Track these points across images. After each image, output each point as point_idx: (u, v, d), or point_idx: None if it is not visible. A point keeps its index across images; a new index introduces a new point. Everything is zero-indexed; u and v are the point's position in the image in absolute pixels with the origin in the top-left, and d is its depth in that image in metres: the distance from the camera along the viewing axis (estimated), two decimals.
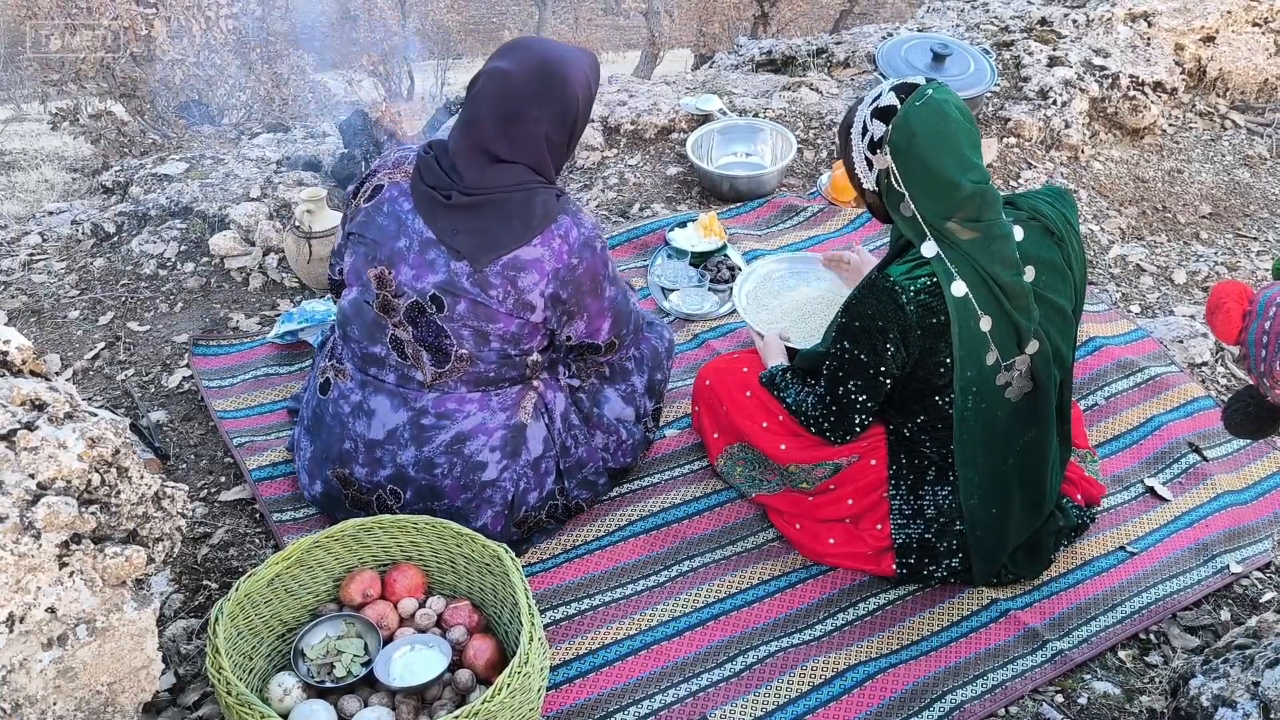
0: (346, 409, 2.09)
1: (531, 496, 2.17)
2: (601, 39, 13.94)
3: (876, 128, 1.89)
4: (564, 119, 1.94)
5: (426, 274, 1.94)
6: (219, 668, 1.62)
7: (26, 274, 3.15)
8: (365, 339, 2.04)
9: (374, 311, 2.00)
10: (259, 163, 3.66)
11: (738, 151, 3.67)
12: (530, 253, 1.93)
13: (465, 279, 1.92)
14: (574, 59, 1.96)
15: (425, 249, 1.93)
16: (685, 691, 1.98)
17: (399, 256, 1.95)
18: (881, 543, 2.14)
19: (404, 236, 1.95)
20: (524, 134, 1.90)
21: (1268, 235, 3.68)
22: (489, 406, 2.06)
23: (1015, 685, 2.01)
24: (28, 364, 1.57)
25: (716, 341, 2.85)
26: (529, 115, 1.89)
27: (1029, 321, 1.94)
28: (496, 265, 1.91)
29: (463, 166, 1.92)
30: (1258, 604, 2.24)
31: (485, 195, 1.91)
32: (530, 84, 1.89)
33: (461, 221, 1.92)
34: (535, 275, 1.94)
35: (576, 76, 1.94)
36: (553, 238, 1.94)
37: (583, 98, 1.96)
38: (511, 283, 1.93)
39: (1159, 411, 2.71)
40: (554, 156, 1.97)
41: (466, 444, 2.06)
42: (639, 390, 2.35)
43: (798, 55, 4.61)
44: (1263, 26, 4.56)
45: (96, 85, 5.51)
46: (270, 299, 3.07)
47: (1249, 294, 1.66)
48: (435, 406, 2.04)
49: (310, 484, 2.21)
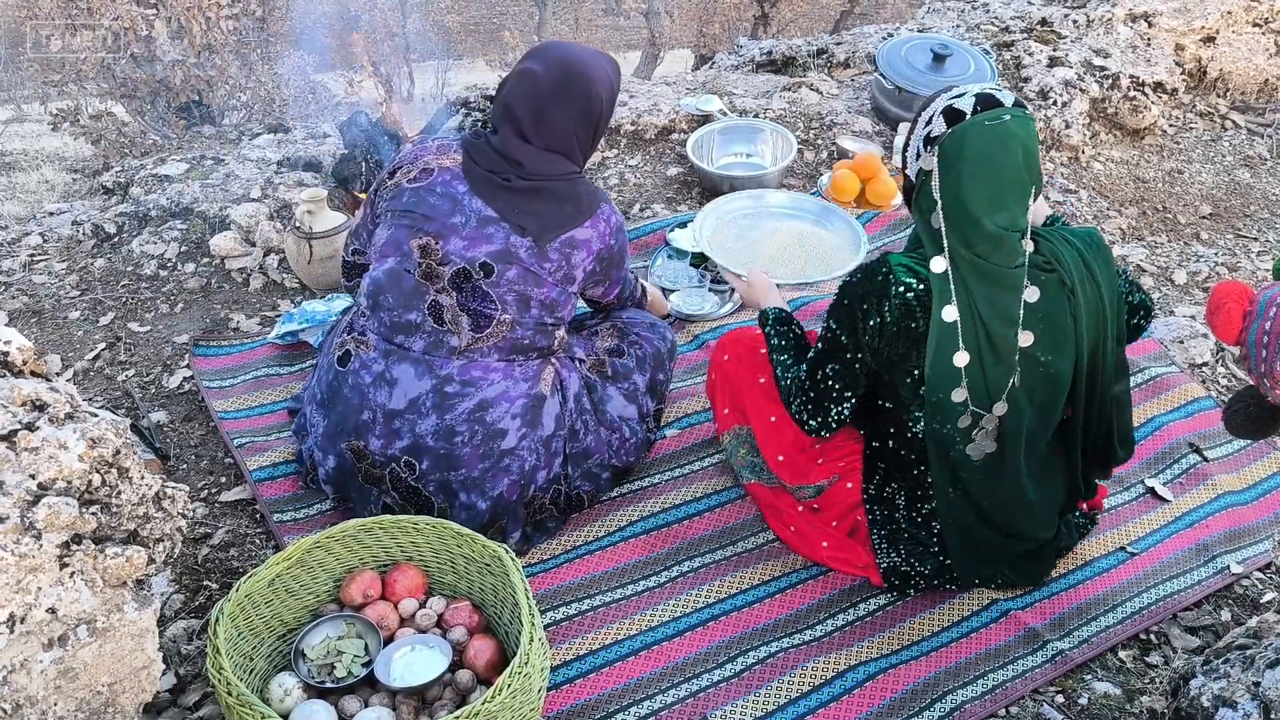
0: (367, 379, 2.13)
1: (540, 475, 2.18)
2: (602, 39, 13.93)
3: (938, 125, 1.82)
4: (588, 116, 2.14)
5: (481, 244, 2.08)
6: (219, 668, 1.62)
7: (27, 274, 3.15)
8: (400, 306, 2.11)
9: (414, 279, 2.10)
10: (259, 163, 3.66)
11: (738, 152, 3.67)
12: (583, 233, 2.14)
13: (523, 250, 2.09)
14: (596, 62, 2.16)
15: (484, 225, 2.09)
16: (685, 692, 1.98)
17: (451, 230, 2.09)
18: (869, 558, 2.15)
19: (459, 214, 2.09)
20: (552, 129, 2.10)
21: (1268, 235, 3.68)
22: (512, 375, 2.14)
23: (1016, 685, 2.01)
24: (28, 364, 1.57)
25: (717, 342, 2.84)
26: (554, 113, 2.10)
27: (1003, 381, 1.88)
28: (556, 242, 2.11)
29: (520, 155, 2.11)
30: (1258, 604, 2.24)
31: (542, 182, 2.12)
32: (555, 83, 2.10)
33: (524, 203, 2.10)
34: (585, 253, 2.15)
35: (599, 77, 2.14)
36: (599, 221, 2.16)
37: (605, 97, 2.15)
38: (566, 258, 2.13)
39: (1159, 412, 2.71)
40: (582, 149, 2.17)
41: (489, 411, 2.11)
42: (640, 389, 2.36)
43: (798, 56, 4.61)
44: (1263, 27, 4.57)
45: (97, 86, 5.51)
46: (271, 299, 3.07)
47: (1249, 294, 1.66)
48: (460, 374, 2.10)
49: (323, 459, 2.22)
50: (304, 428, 2.34)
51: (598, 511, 2.34)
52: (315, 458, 2.25)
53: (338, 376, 2.18)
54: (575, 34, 13.21)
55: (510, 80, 2.15)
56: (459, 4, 12.80)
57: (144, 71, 5.31)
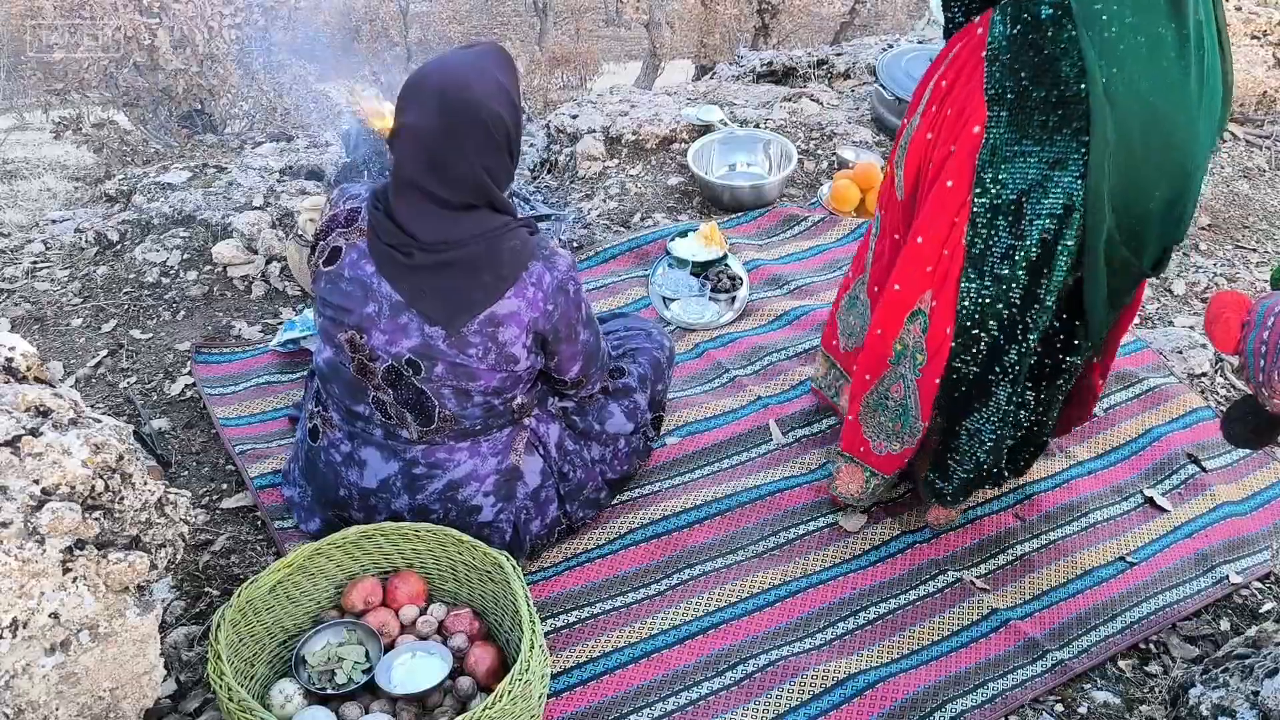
0: (338, 458, 2.07)
1: (535, 525, 2.16)
2: (603, 50, 13.98)
3: None
4: (489, 144, 1.82)
5: (400, 339, 1.87)
6: (220, 674, 1.63)
7: (30, 282, 3.16)
8: (347, 398, 2.01)
9: (351, 373, 1.95)
10: (262, 172, 3.67)
11: (738, 162, 3.68)
12: (506, 306, 1.85)
13: (441, 342, 1.86)
14: (477, 74, 1.81)
15: (396, 313, 1.86)
16: (686, 700, 1.98)
17: (369, 322, 1.87)
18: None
19: (372, 302, 1.86)
20: (458, 174, 1.80)
21: (1267, 246, 3.69)
22: (479, 453, 2.04)
23: (1015, 695, 2.01)
24: (32, 371, 1.58)
25: (717, 351, 2.85)
26: (450, 159, 1.79)
27: None
28: (473, 324, 1.85)
29: (412, 222, 1.82)
30: (1257, 614, 2.25)
31: (448, 251, 1.82)
32: (439, 128, 1.78)
33: (427, 281, 1.83)
34: (515, 328, 1.88)
35: (487, 92, 1.80)
36: (525, 286, 1.86)
37: (505, 109, 1.83)
38: (491, 339, 1.87)
39: (1158, 422, 2.71)
40: (500, 183, 1.87)
41: (460, 491, 2.04)
42: (641, 406, 2.35)
43: (798, 66, 4.63)
44: (1262, 39, 4.58)
45: (99, 94, 5.53)
46: (273, 307, 3.08)
47: (1248, 304, 1.66)
48: (425, 457, 2.01)
49: (309, 519, 2.21)
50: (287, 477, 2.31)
51: (598, 519, 2.34)
52: (299, 516, 2.23)
53: (312, 450, 2.13)
54: (576, 44, 13.23)
55: (394, 144, 1.83)
56: (460, 14, 12.85)
57: (146, 80, 5.33)
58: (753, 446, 2.56)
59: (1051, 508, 2.45)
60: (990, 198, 1.83)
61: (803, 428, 2.62)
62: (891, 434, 2.18)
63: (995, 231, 1.85)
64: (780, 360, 2.82)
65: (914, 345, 2.03)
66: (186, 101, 5.34)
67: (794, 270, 3.19)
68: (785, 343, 2.87)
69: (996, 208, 1.83)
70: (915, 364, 2.05)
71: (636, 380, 2.34)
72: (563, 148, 3.97)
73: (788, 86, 4.48)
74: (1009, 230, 1.84)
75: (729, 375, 2.77)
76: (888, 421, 2.17)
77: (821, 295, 3.06)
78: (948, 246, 1.90)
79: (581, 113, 4.07)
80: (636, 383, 2.33)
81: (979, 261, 1.89)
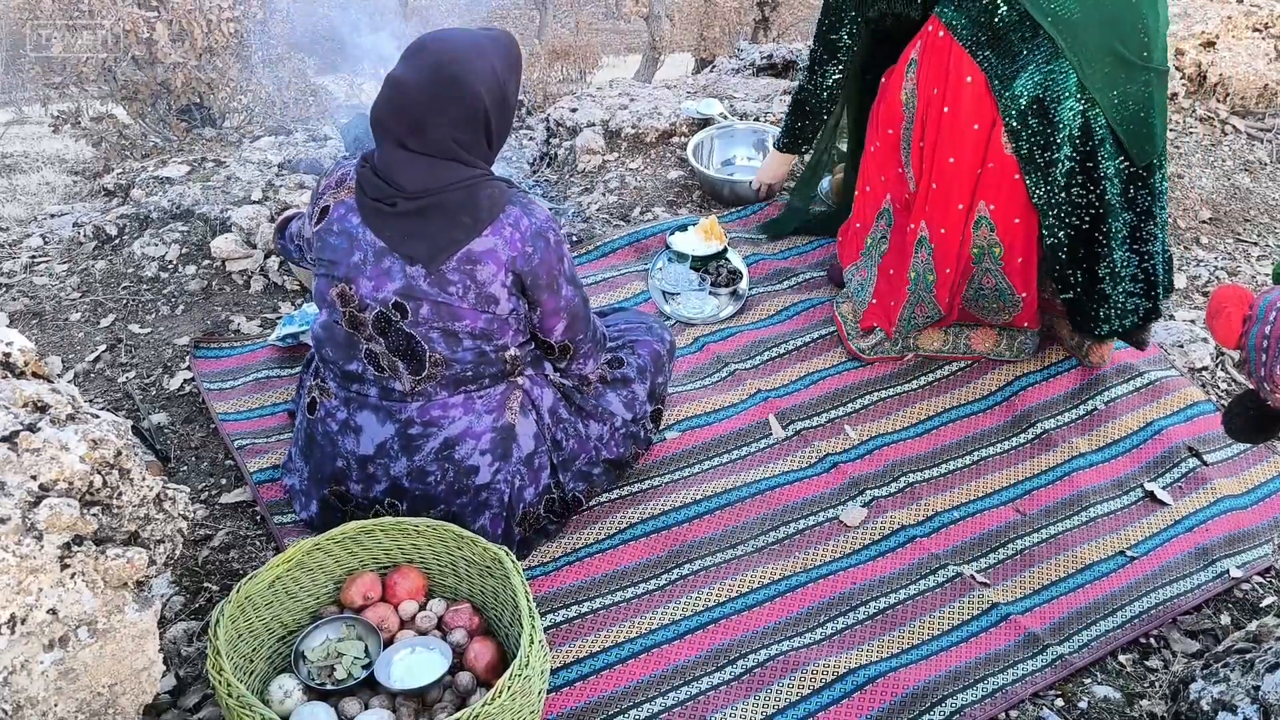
0: (334, 427, 2.10)
1: (528, 493, 2.17)
2: (602, 43, 13.95)
3: None
4: (470, 121, 1.89)
5: (385, 283, 1.94)
6: (219, 669, 1.62)
7: (28, 276, 3.15)
8: (341, 358, 2.05)
9: (344, 330, 2.01)
10: (260, 166, 3.66)
11: (737, 155, 3.68)
12: (482, 244, 1.92)
13: (423, 280, 1.92)
14: (475, 55, 1.89)
15: (380, 258, 1.93)
16: (686, 695, 1.98)
17: (356, 270, 1.95)
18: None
19: (357, 251, 1.95)
20: (430, 138, 1.88)
21: (1268, 240, 3.68)
22: (474, 409, 2.06)
23: (1016, 689, 2.01)
24: (30, 366, 1.57)
25: (717, 345, 2.85)
26: (428, 121, 1.87)
27: None
28: (451, 262, 1.91)
29: (397, 173, 1.90)
30: (1258, 608, 2.24)
31: (428, 197, 1.90)
32: (424, 91, 1.86)
33: (411, 226, 1.91)
34: (493, 266, 1.93)
35: (478, 72, 1.88)
36: (503, 226, 1.93)
37: (488, 93, 1.89)
38: (470, 276, 1.92)
39: (1159, 416, 2.71)
40: (474, 151, 1.93)
41: (456, 449, 2.06)
42: (640, 398, 2.35)
43: (799, 59, 4.61)
44: (1263, 32, 4.57)
45: (98, 88, 5.51)
46: (271, 302, 3.07)
47: (1249, 299, 1.66)
48: (420, 415, 2.04)
49: (307, 504, 2.21)
50: (287, 466, 2.32)
51: (598, 514, 2.34)
52: (299, 502, 2.24)
53: (310, 423, 2.15)
54: (575, 38, 13.21)
55: (381, 91, 1.93)
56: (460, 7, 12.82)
57: (145, 74, 5.31)
58: (753, 441, 2.56)
59: (1051, 502, 2.45)
60: (1017, 108, 2.35)
61: (802, 421, 2.61)
62: (997, 311, 2.66)
63: (1031, 131, 2.36)
64: (780, 354, 2.82)
65: (988, 243, 2.53)
66: (185, 95, 5.32)
67: (794, 264, 3.18)
68: (786, 337, 2.87)
69: (1024, 113, 2.35)
70: (995, 256, 2.55)
71: (635, 371, 2.34)
72: (562, 141, 3.96)
73: (788, 80, 4.47)
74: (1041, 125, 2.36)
75: (729, 369, 2.77)
76: (989, 304, 2.65)
77: (822, 290, 3.06)
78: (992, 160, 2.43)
79: (581, 106, 4.06)
80: (635, 374, 2.33)
81: (1028, 160, 2.39)
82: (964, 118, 2.40)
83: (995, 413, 2.69)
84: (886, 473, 2.50)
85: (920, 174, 2.54)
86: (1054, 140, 2.36)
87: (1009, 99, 2.34)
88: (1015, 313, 2.65)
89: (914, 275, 2.61)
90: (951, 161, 2.45)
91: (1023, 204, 2.46)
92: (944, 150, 2.45)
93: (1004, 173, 2.43)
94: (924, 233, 2.57)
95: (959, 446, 2.59)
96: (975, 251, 2.56)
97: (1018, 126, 2.36)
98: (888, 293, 2.71)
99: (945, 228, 2.52)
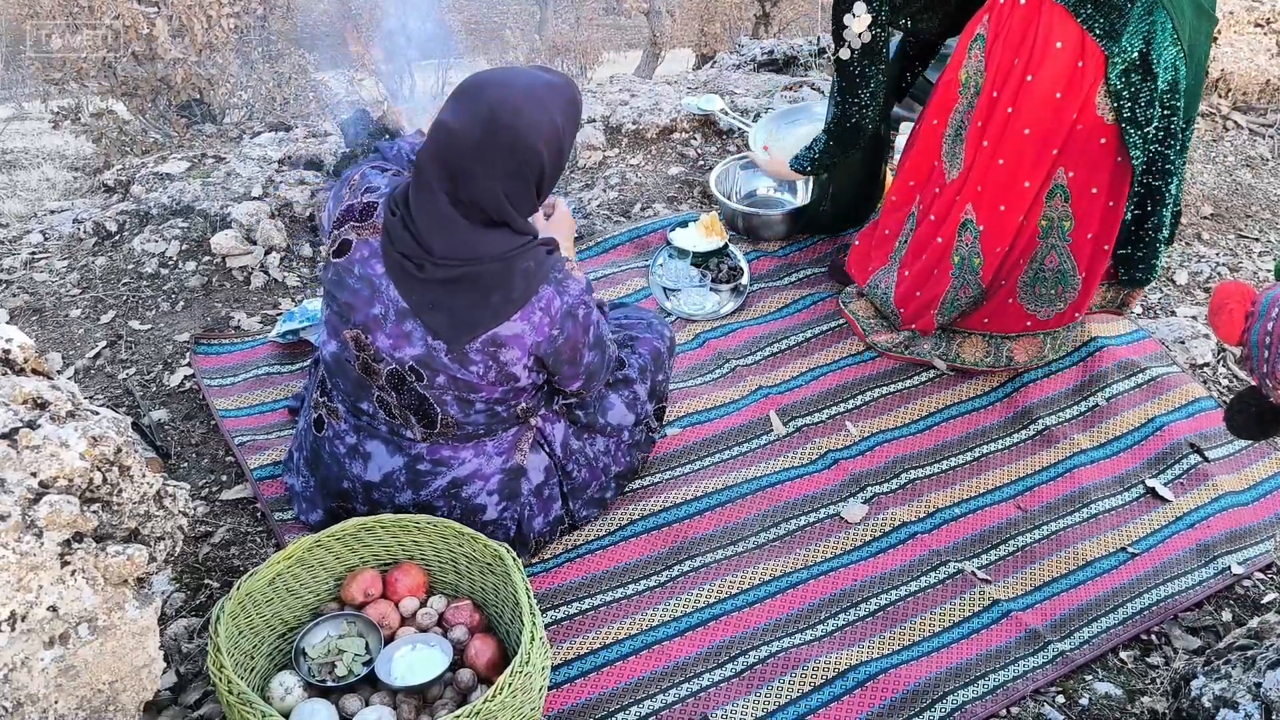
0: (342, 449, 2.07)
1: (538, 522, 2.16)
2: (603, 38, 13.92)
3: None
4: (520, 174, 1.76)
5: (405, 345, 1.86)
6: (220, 666, 1.62)
7: (28, 272, 3.15)
8: (352, 395, 2.00)
9: (356, 371, 1.94)
10: (260, 162, 3.65)
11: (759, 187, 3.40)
12: (510, 329, 1.83)
13: (443, 354, 1.85)
14: (534, 105, 1.74)
15: (402, 319, 1.84)
16: (686, 691, 1.98)
17: (375, 323, 1.86)
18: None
19: (378, 303, 1.85)
20: (477, 188, 1.75)
21: (1269, 236, 3.67)
22: (484, 453, 2.03)
23: (1017, 686, 2.01)
24: (30, 362, 1.57)
25: (718, 341, 2.85)
26: (476, 172, 1.73)
27: None
28: (476, 343, 1.83)
29: (430, 233, 1.78)
30: (1259, 605, 2.24)
31: (459, 267, 1.78)
32: (476, 143, 1.72)
33: (435, 294, 1.80)
34: (517, 351, 1.85)
35: (536, 125, 1.73)
36: (533, 311, 1.83)
37: (546, 146, 1.76)
38: (493, 358, 1.85)
39: (1160, 412, 2.71)
40: (518, 205, 1.80)
41: (463, 489, 2.04)
42: (641, 398, 2.34)
43: (799, 55, 4.61)
44: (1265, 27, 4.56)
45: (98, 84, 5.50)
46: (272, 298, 3.07)
47: (1251, 295, 1.66)
48: (430, 454, 2.01)
49: (311, 510, 2.20)
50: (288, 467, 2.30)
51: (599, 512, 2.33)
52: (300, 508, 2.23)
53: (316, 440, 2.13)
54: (576, 33, 13.19)
55: (429, 135, 1.78)
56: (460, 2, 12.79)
57: (145, 70, 5.30)
58: (753, 437, 2.56)
59: (1053, 498, 2.45)
60: (1127, 61, 2.29)
61: (803, 418, 2.61)
62: (1052, 299, 2.60)
63: (1134, 88, 2.31)
64: (781, 350, 2.82)
65: (1059, 215, 2.48)
66: (185, 91, 5.31)
67: (795, 260, 3.18)
68: (786, 333, 2.87)
69: (1128, 70, 2.29)
70: (1063, 231, 2.50)
71: (636, 371, 2.33)
72: None
73: (789, 75, 4.46)
74: (1142, 80, 2.31)
75: (730, 366, 2.76)
76: (1047, 289, 2.58)
77: (823, 286, 3.05)
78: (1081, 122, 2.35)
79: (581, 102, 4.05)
80: (636, 374, 2.33)
81: (1130, 120, 2.34)
82: (1047, 85, 2.31)
83: (997, 409, 2.69)
84: (887, 469, 2.50)
85: (973, 156, 2.46)
86: (1153, 96, 2.31)
87: (1117, 54, 2.26)
88: (1070, 299, 2.59)
89: (958, 259, 2.56)
90: (1027, 133, 2.37)
91: (1108, 171, 2.40)
92: (1020, 121, 2.36)
93: (1092, 137, 2.37)
94: (969, 216, 2.51)
95: (960, 443, 2.59)
96: (1043, 224, 2.49)
97: (1120, 86, 2.29)
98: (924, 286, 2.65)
99: (1005, 204, 2.45)
